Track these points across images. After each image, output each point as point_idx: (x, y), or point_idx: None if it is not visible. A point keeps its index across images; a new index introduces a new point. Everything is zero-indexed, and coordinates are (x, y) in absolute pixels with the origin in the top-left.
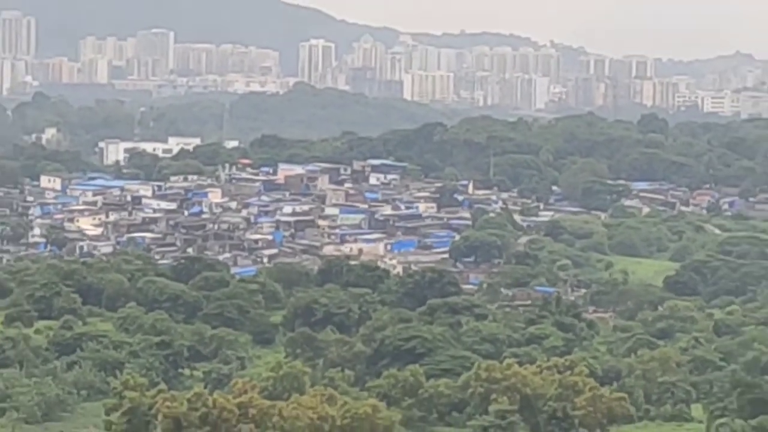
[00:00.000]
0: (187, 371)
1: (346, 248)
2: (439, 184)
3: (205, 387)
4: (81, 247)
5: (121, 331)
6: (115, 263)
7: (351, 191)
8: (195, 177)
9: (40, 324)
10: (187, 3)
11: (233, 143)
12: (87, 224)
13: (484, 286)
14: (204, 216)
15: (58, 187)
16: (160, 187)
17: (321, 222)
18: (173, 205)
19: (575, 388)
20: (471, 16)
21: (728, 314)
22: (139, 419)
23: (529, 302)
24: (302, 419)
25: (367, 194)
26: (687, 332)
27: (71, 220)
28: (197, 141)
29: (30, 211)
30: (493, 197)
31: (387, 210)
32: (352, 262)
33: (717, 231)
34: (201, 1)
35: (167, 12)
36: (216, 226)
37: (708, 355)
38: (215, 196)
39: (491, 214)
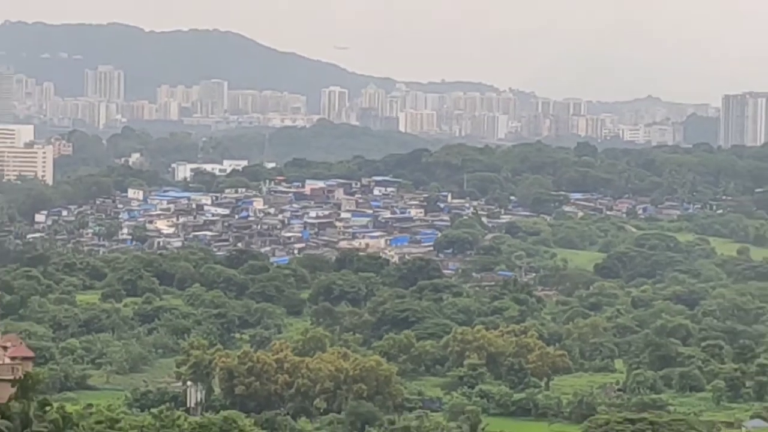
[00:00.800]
0: (237, 335)
1: (356, 243)
2: (425, 195)
3: (251, 347)
4: (158, 243)
5: (188, 305)
6: (183, 254)
7: (360, 200)
8: (243, 190)
9: (128, 300)
10: (237, 59)
11: (271, 164)
12: (162, 225)
13: (460, 271)
14: (250, 219)
15: (141, 197)
16: (217, 197)
17: (337, 223)
18: (227, 211)
19: (528, 348)
20: (450, 67)
21: (642, 292)
22: (201, 371)
23: (493, 283)
24: (323, 371)
25: (372, 202)
26: (611, 305)
27: (150, 222)
28: (245, 163)
29: (120, 216)
30: (466, 205)
31: (387, 214)
32: (361, 253)
33: (633, 230)
34: (247, 58)
35: (222, 66)
36: (259, 226)
37: (627, 322)
38: (258, 204)
39: (465, 217)
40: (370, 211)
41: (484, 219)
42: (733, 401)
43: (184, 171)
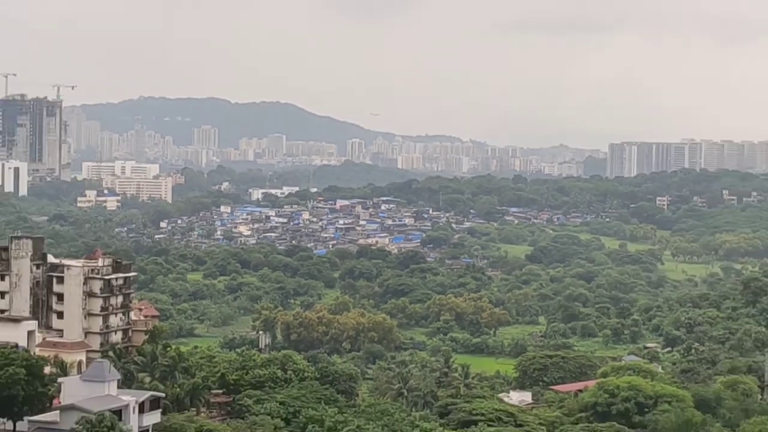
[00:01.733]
0: (292, 301)
1: (369, 241)
2: (415, 209)
3: (301, 309)
4: (240, 241)
5: (260, 281)
6: (256, 248)
7: (372, 213)
8: (296, 206)
9: (220, 278)
10: (292, 120)
11: (314, 189)
12: (243, 229)
13: (437, 258)
14: (300, 225)
15: (229, 211)
16: (278, 211)
17: (357, 228)
18: (285, 220)
19: (482, 308)
20: (430, 125)
21: (556, 272)
22: (268, 324)
23: (459, 266)
24: (348, 324)
25: (380, 214)
26: (536, 281)
27: (235, 227)
28: (296, 188)
29: (215, 223)
30: (441, 215)
31: (389, 222)
32: (372, 247)
33: (551, 232)
34: (298, 120)
35: (282, 125)
36: (306, 230)
37: (547, 292)
38: (305, 215)
39: (440, 224)
40: (379, 220)
41: (453, 225)
42: (616, 344)
43: (257, 194)
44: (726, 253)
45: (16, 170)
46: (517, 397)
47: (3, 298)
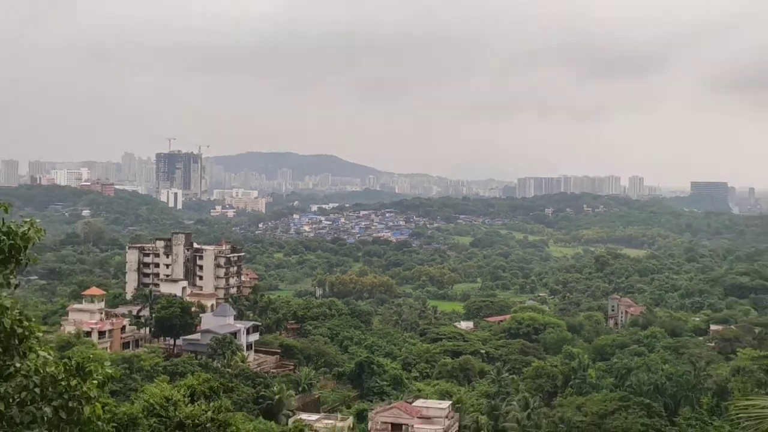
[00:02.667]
0: (335, 269)
1: (379, 234)
2: (405, 216)
3: (340, 273)
4: (304, 235)
5: (315, 258)
6: (314, 239)
7: (380, 219)
8: (337, 214)
9: (293, 256)
10: (332, 163)
11: (347, 205)
12: (306, 228)
13: (418, 245)
14: (339, 225)
15: (298, 217)
16: (327, 217)
17: (372, 227)
18: (330, 222)
19: (445, 274)
20: (415, 166)
21: (487, 252)
22: (321, 283)
23: (431, 249)
24: (367, 283)
25: (385, 219)
26: (475, 258)
27: (302, 227)
28: (337, 204)
29: (290, 224)
30: (421, 220)
31: (390, 224)
32: (381, 238)
33: (484, 229)
34: (336, 164)
35: (327, 166)
36: (342, 228)
37: (482, 263)
38: (342, 220)
39: (420, 225)
40: (384, 223)
41: (427, 225)
42: (522, 294)
43: (314, 207)
44: (585, 241)
45: (175, 194)
46: (465, 325)
47: (168, 268)
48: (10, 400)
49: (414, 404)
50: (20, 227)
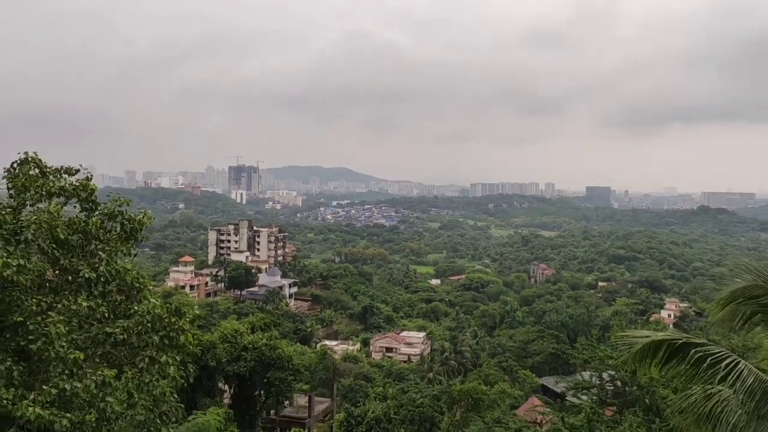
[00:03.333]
0: (348, 244)
1: (378, 221)
2: (395, 209)
3: (352, 247)
4: (328, 221)
5: (335, 236)
6: (334, 224)
7: (378, 211)
8: (349, 208)
9: (319, 235)
10: (347, 175)
11: (356, 202)
12: (329, 216)
13: (403, 228)
14: (351, 215)
15: (323, 210)
16: (342, 210)
17: (373, 216)
18: (345, 213)
19: (420, 247)
20: (404, 174)
21: (450, 234)
22: (338, 253)
23: (412, 231)
24: (369, 253)
25: (382, 211)
26: (442, 237)
27: (326, 216)
28: (349, 201)
29: (318, 214)
30: (406, 212)
31: (385, 214)
32: (379, 224)
33: (448, 218)
34: (350, 176)
35: (344, 175)
36: (353, 217)
37: (446, 240)
38: (353, 212)
39: (405, 215)
40: (380, 213)
41: (410, 215)
42: (473, 261)
43: (334, 203)
44: (515, 226)
45: (241, 194)
46: (434, 281)
47: (236, 243)
48: (132, 331)
49: (401, 334)
50: (137, 215)
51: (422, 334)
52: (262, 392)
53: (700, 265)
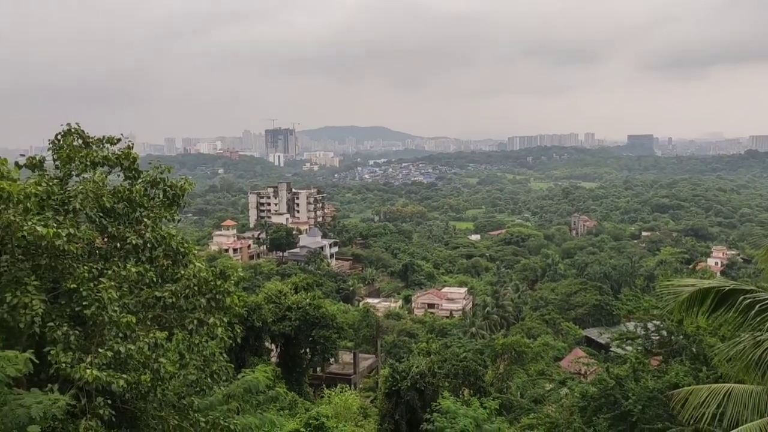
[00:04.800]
0: (387, 203)
1: (415, 179)
2: (433, 166)
3: (389, 206)
4: (366, 180)
5: (373, 196)
6: (372, 183)
7: (416, 168)
8: (386, 166)
9: (358, 195)
10: (385, 134)
11: (393, 160)
12: (367, 176)
13: (441, 184)
14: (389, 173)
15: (360, 170)
16: (379, 168)
17: (411, 174)
18: (382, 171)
19: (459, 203)
20: (440, 130)
21: (488, 188)
22: (377, 211)
23: (450, 187)
24: (408, 211)
25: (419, 168)
26: (480, 192)
27: (363, 175)
28: (386, 159)
29: (355, 174)
30: (443, 168)
31: (422, 171)
32: (417, 181)
33: (486, 173)
34: (386, 134)
35: (380, 135)
36: (391, 175)
37: (485, 196)
38: (390, 170)
39: (442, 171)
40: (418, 170)
41: (447, 171)
42: (513, 215)
43: (371, 162)
44: (555, 178)
45: (279, 157)
46: (474, 237)
47: (276, 206)
48: (180, 295)
49: (442, 290)
50: (179, 182)
51: (463, 290)
52: (307, 350)
53: (748, 212)
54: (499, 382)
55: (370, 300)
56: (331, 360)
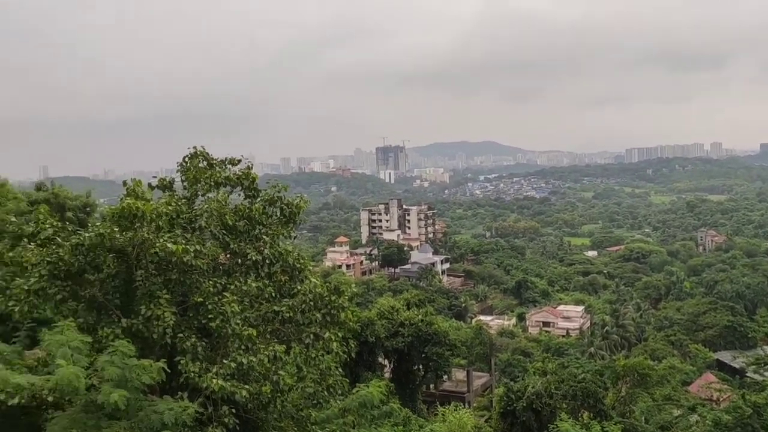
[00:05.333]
0: (498, 219)
1: (527, 194)
2: (545, 180)
3: (501, 222)
4: (476, 196)
5: (484, 211)
6: (483, 199)
7: (526, 182)
8: (497, 181)
9: (468, 211)
10: (493, 149)
11: (504, 175)
12: (477, 191)
13: (555, 199)
14: (500, 189)
15: (471, 185)
16: (491, 183)
17: (522, 189)
18: (493, 187)
19: (573, 219)
20: (548, 144)
21: (605, 203)
22: (488, 227)
23: (565, 202)
24: (521, 227)
25: (531, 183)
26: (598, 206)
27: (474, 191)
28: (496, 174)
29: (466, 190)
30: (556, 182)
31: (535, 186)
32: (529, 196)
33: (602, 186)
34: (495, 149)
35: (489, 150)
36: (502, 191)
37: (601, 211)
38: (501, 185)
39: (555, 186)
40: (530, 186)
41: (561, 186)
42: (632, 230)
43: (481, 178)
44: (678, 191)
45: (389, 174)
46: (591, 253)
47: (387, 222)
48: (296, 310)
49: (558, 308)
50: (295, 200)
51: (580, 308)
52: (420, 366)
53: None
54: (621, 406)
55: (482, 317)
56: (445, 377)
